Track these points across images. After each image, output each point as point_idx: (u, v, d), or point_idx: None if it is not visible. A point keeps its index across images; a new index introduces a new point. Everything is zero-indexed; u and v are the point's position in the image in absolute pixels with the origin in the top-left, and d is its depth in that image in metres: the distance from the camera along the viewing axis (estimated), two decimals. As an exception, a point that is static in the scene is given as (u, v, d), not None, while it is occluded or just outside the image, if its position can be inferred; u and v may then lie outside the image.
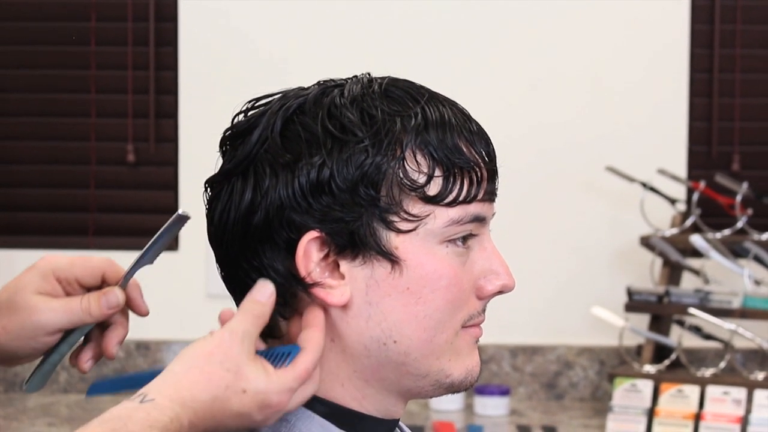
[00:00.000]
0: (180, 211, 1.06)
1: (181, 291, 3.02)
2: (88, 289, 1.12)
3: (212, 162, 1.13)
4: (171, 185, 3.08)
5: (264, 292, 1.05)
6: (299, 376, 1.03)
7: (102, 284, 1.12)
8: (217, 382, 1.00)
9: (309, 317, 1.05)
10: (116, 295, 1.10)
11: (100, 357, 1.13)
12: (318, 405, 1.07)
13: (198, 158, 2.99)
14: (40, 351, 1.11)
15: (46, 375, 1.14)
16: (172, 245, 3.06)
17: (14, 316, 1.08)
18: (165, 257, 3.35)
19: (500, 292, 1.09)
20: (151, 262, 1.12)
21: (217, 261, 1.11)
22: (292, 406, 1.03)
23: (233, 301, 1.12)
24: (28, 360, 1.14)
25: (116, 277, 1.12)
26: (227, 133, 1.10)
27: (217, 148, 1.11)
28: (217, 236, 1.09)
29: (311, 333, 1.05)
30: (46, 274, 1.10)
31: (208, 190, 1.10)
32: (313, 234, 1.04)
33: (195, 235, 3.04)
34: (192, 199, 3.02)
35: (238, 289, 1.09)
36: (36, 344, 1.09)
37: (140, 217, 3.08)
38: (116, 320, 1.13)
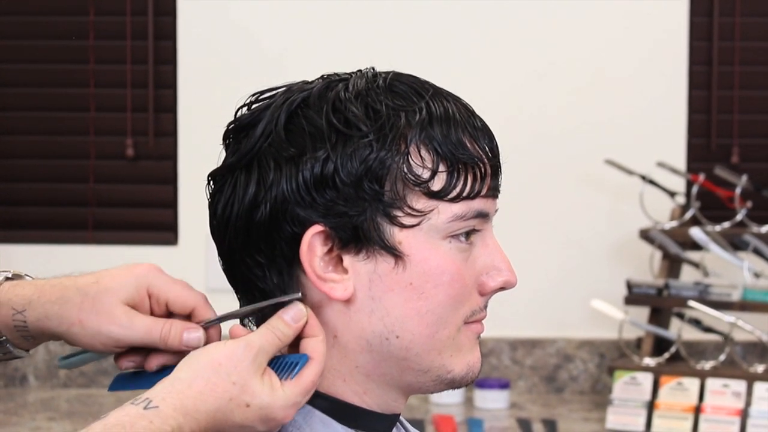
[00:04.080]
0: (299, 294, 1.05)
1: (180, 285, 3.00)
2: (172, 313, 1.09)
3: (212, 156, 1.13)
4: (170, 179, 3.08)
5: (295, 315, 1.04)
6: (305, 389, 1.03)
7: (188, 316, 1.09)
8: (221, 394, 1.00)
9: (309, 327, 1.05)
10: (199, 337, 1.07)
11: (141, 365, 1.10)
12: (319, 400, 1.07)
13: (197, 152, 2.99)
14: (101, 351, 1.09)
15: (86, 361, 1.13)
16: (171, 240, 3.05)
17: (94, 316, 1.06)
18: (164, 251, 3.32)
19: (502, 288, 1.09)
20: (242, 319, 1.09)
21: (219, 254, 1.10)
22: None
23: (234, 294, 1.12)
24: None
25: (204, 314, 1.09)
26: (231, 126, 1.10)
27: (217, 142, 1.11)
28: (219, 230, 1.09)
29: (315, 343, 1.04)
30: (140, 286, 1.08)
31: (211, 183, 1.10)
32: (317, 228, 1.04)
33: (195, 228, 3.07)
34: (191, 194, 3.06)
35: (240, 283, 1.10)
36: (102, 348, 1.08)
37: (140, 212, 3.07)
38: None
